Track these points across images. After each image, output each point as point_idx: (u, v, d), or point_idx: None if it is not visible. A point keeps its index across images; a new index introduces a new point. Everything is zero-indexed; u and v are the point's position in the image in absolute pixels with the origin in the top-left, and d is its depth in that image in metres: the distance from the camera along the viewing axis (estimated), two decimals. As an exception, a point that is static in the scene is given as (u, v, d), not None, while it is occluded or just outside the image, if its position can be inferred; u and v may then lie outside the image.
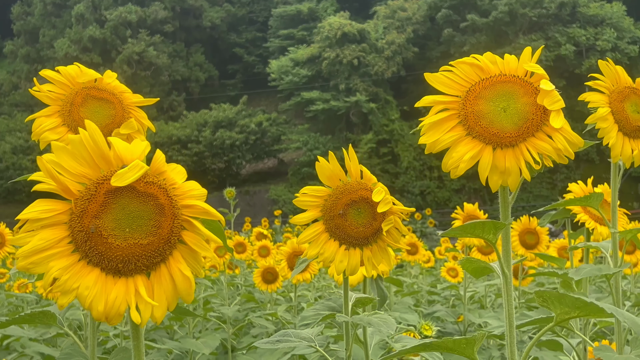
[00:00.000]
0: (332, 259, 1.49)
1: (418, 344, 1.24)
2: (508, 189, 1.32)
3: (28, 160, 39.15)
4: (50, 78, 1.65)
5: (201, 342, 3.99)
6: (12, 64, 52.00)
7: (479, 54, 1.34)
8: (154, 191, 0.96)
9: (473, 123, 1.27)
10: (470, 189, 39.01)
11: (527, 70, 1.27)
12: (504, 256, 1.33)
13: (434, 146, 1.29)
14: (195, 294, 1.05)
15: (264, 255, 5.29)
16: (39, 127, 1.64)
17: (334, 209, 1.49)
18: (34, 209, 0.95)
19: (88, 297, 0.93)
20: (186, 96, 48.02)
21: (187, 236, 0.99)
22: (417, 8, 43.36)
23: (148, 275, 0.98)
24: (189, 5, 50.85)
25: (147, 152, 0.99)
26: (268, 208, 35.41)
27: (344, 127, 41.38)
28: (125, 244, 0.95)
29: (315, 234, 1.51)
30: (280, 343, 1.65)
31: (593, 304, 1.21)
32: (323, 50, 41.10)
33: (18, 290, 5.48)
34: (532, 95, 1.26)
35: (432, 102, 1.31)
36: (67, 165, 0.95)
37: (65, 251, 0.95)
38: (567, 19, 39.42)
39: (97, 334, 1.78)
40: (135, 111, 1.72)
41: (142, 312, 0.95)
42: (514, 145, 1.26)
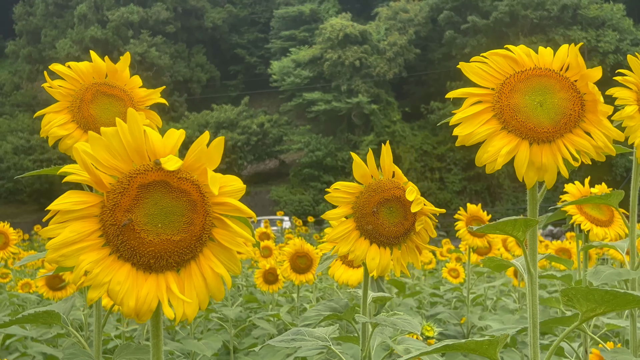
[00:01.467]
0: (364, 257, 1.48)
1: (440, 345, 1.22)
2: (537, 187, 1.30)
3: (29, 161, 39.16)
4: (60, 73, 1.63)
5: (203, 344, 3.98)
6: (14, 64, 52.04)
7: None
8: (186, 187, 0.95)
9: (509, 117, 1.24)
10: (472, 191, 38.98)
11: (562, 65, 1.25)
12: (530, 254, 1.31)
13: (469, 139, 1.25)
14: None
15: (266, 255, 5.28)
16: (48, 124, 1.62)
17: (367, 206, 1.47)
18: (65, 200, 0.93)
19: (120, 292, 0.92)
20: (188, 97, 48.04)
21: (217, 234, 0.98)
22: (419, 9, 43.37)
23: (178, 272, 0.97)
24: (191, 6, 50.88)
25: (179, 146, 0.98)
26: (269, 209, 35.42)
27: (345, 128, 41.37)
28: (157, 239, 0.93)
29: (347, 231, 1.49)
30: (295, 341, 1.65)
31: (628, 293, 1.17)
32: (325, 52, 41.10)
33: (21, 290, 5.47)
34: (569, 91, 1.24)
35: (466, 94, 1.28)
36: (100, 157, 0.93)
37: (96, 245, 0.94)
38: (569, 21, 39.41)
39: (102, 334, 1.78)
40: (145, 110, 1.71)
41: (175, 308, 0.93)
42: (551, 141, 1.23)
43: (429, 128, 40.71)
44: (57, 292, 4.20)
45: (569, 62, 1.25)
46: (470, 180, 39.22)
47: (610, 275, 1.79)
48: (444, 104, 38.61)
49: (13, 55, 51.84)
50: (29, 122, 42.60)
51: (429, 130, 40.72)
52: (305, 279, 3.67)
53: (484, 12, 40.72)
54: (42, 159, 38.77)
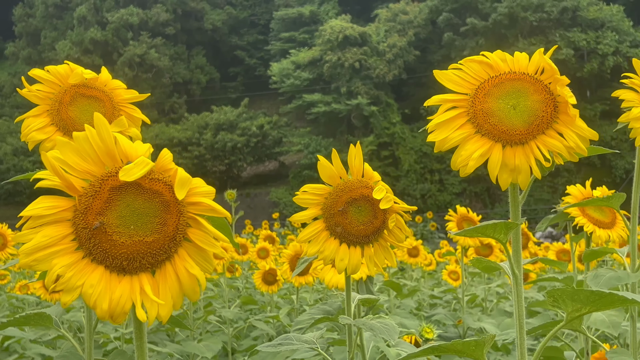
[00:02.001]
0: (333, 257, 1.49)
1: (426, 347, 1.23)
2: (518, 189, 1.32)
3: (29, 162, 39.15)
4: (39, 77, 1.63)
5: (203, 346, 3.98)
6: (14, 65, 52.03)
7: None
8: (159, 188, 0.95)
9: (482, 121, 1.26)
10: (472, 192, 38.97)
11: (537, 68, 1.26)
12: (514, 256, 1.32)
13: (443, 144, 1.28)
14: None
15: (263, 257, 5.29)
16: (27, 128, 1.61)
17: (334, 206, 1.48)
18: (37, 206, 0.94)
19: (92, 295, 0.92)
20: (187, 98, 48.03)
21: (193, 234, 0.98)
22: (419, 11, 43.39)
23: (153, 273, 0.97)
24: (191, 7, 50.90)
25: (151, 152, 0.98)
26: (269, 210, 35.40)
27: (345, 130, 41.37)
28: (130, 241, 0.94)
29: (316, 232, 1.50)
30: (282, 346, 1.64)
31: (613, 293, 1.18)
32: (324, 53, 41.11)
33: (20, 291, 5.47)
34: (542, 93, 1.26)
35: (441, 101, 1.31)
36: (71, 161, 0.94)
37: (69, 248, 0.94)
38: (568, 23, 39.40)
39: (93, 335, 1.78)
40: (127, 107, 1.69)
41: (148, 310, 0.94)
42: (524, 142, 1.25)
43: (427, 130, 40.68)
44: (55, 294, 4.21)
45: (543, 66, 1.26)
46: (470, 182, 39.19)
47: (609, 279, 1.79)
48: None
49: (13, 57, 51.84)
50: (28, 124, 42.49)
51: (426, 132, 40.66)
52: (305, 280, 3.68)
53: (484, 14, 40.73)
54: (41, 160, 38.69)
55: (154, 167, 0.95)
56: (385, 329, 1.67)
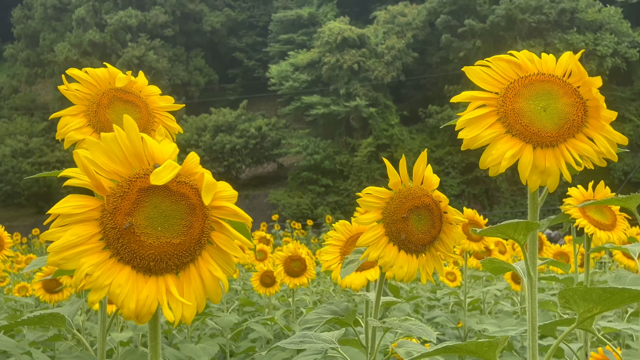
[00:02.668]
0: (393, 263, 1.49)
1: (441, 346, 1.23)
2: (537, 190, 1.32)
3: (28, 164, 39.11)
4: (77, 77, 1.64)
5: (200, 348, 3.98)
6: (12, 67, 52.03)
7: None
8: (186, 191, 0.97)
9: (513, 121, 1.26)
10: (470, 194, 38.98)
11: (565, 71, 1.26)
12: (531, 258, 1.32)
13: (473, 142, 1.27)
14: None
15: (261, 259, 5.28)
16: (65, 127, 1.63)
17: (397, 213, 1.48)
18: (66, 204, 0.95)
19: (120, 295, 0.94)
20: (186, 100, 48.00)
21: (216, 237, 0.99)
22: (417, 13, 43.41)
23: (177, 274, 0.98)
24: (189, 9, 50.91)
25: (177, 153, 1.00)
26: (267, 212, 35.39)
27: (343, 132, 41.38)
28: (157, 242, 0.95)
29: (376, 237, 1.50)
30: (304, 344, 1.69)
31: (625, 289, 1.18)
32: (323, 55, 41.13)
33: (18, 293, 5.47)
34: (572, 96, 1.26)
35: (471, 98, 1.30)
36: (100, 161, 0.95)
37: (97, 248, 0.95)
38: (566, 25, 39.45)
39: (106, 338, 1.78)
40: (162, 115, 1.71)
41: (174, 311, 0.95)
42: (554, 145, 1.25)
43: (427, 132, 40.73)
44: (54, 295, 4.21)
45: (571, 69, 1.26)
46: (468, 184, 39.21)
47: (634, 279, 1.80)
48: (442, 107, 38.63)
49: (11, 59, 51.81)
50: (27, 126, 42.56)
51: (427, 133, 40.74)
52: (300, 282, 3.67)
53: (482, 16, 40.76)
54: (40, 162, 38.71)
55: (181, 170, 0.97)
56: (421, 329, 1.71)
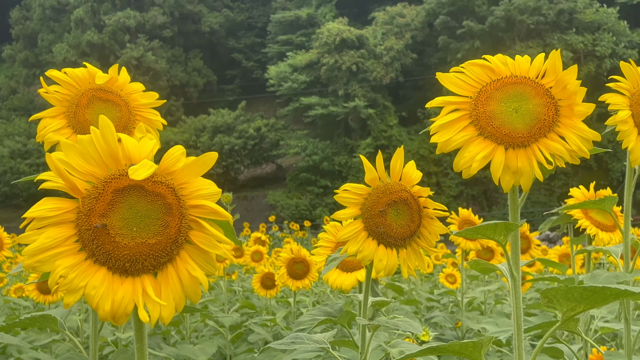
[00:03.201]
0: (372, 257, 1.51)
1: (425, 347, 1.24)
2: (517, 191, 1.34)
3: (26, 165, 39.11)
4: (56, 79, 1.65)
5: (198, 349, 3.98)
6: (11, 68, 52.02)
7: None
8: (161, 190, 0.96)
9: (485, 123, 1.28)
10: (469, 195, 39.01)
11: (539, 72, 1.29)
12: (513, 258, 1.34)
13: (446, 146, 1.30)
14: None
15: (257, 260, 5.28)
16: (44, 129, 1.63)
17: (375, 207, 1.51)
18: (40, 207, 0.94)
19: (95, 297, 0.93)
20: (184, 101, 48.02)
21: (195, 236, 0.99)
22: (416, 14, 43.45)
23: (155, 275, 0.98)
24: (188, 10, 50.92)
25: (156, 151, 0.99)
26: (266, 213, 35.38)
27: (342, 133, 41.39)
28: (132, 243, 0.94)
29: (355, 232, 1.53)
30: (295, 344, 1.70)
31: (606, 287, 1.19)
32: (322, 56, 41.14)
33: (15, 294, 5.46)
34: (544, 97, 1.28)
35: (444, 103, 1.34)
36: (75, 163, 0.95)
37: (72, 250, 0.95)
38: (565, 26, 39.50)
39: (98, 339, 1.77)
40: (144, 111, 1.71)
41: (150, 311, 0.95)
42: (526, 145, 1.27)
43: (426, 133, 40.73)
44: (48, 296, 4.21)
45: (546, 68, 1.28)
46: (467, 185, 39.24)
47: (607, 278, 1.81)
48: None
49: (10, 60, 51.83)
50: (25, 127, 42.55)
51: (425, 134, 40.67)
52: (302, 284, 3.66)
53: (480, 17, 40.81)
54: (38, 162, 38.72)
55: (157, 169, 0.96)
56: (409, 325, 1.74)
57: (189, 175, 0.97)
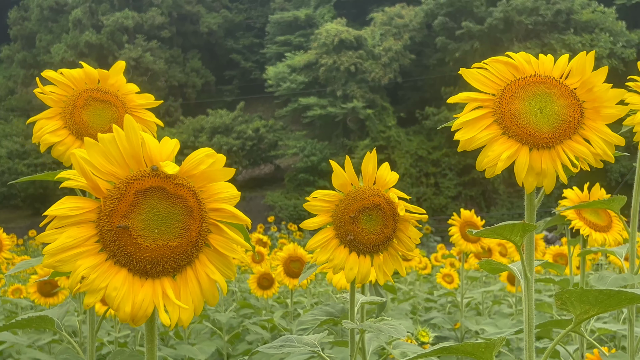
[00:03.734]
0: (342, 265, 1.47)
1: (437, 347, 1.23)
2: (535, 193, 1.32)
3: (24, 165, 39.03)
4: (52, 79, 1.63)
5: (197, 349, 3.98)
6: (9, 68, 51.93)
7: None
8: (183, 193, 0.96)
9: (510, 122, 1.26)
10: (467, 196, 39.00)
11: (562, 72, 1.28)
12: (527, 259, 1.33)
13: (469, 143, 1.27)
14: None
15: (258, 261, 5.27)
16: (40, 130, 1.62)
17: (345, 214, 1.46)
18: (62, 206, 0.94)
19: (116, 298, 0.93)
20: (183, 102, 47.97)
21: (214, 240, 0.99)
22: (414, 15, 43.43)
23: (174, 277, 0.98)
24: (186, 11, 50.86)
25: (177, 151, 0.99)
26: (264, 214, 35.35)
27: (340, 133, 41.37)
28: (154, 245, 0.94)
29: (325, 240, 1.48)
30: (283, 348, 1.65)
31: (622, 291, 1.17)
32: (320, 57, 41.11)
33: (12, 295, 5.45)
34: (569, 98, 1.26)
35: (467, 99, 1.30)
36: (97, 163, 0.94)
37: (93, 250, 0.95)
38: (563, 26, 39.52)
39: (95, 339, 1.77)
40: (140, 112, 1.71)
41: (170, 314, 0.95)
42: (551, 147, 1.25)
43: (424, 133, 40.75)
44: (49, 298, 4.19)
45: (571, 69, 1.27)
46: (465, 186, 39.23)
47: (615, 280, 1.80)
48: (439, 109, 38.65)
49: (8, 60, 51.74)
50: (23, 127, 42.49)
51: (424, 135, 40.76)
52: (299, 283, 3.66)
53: (479, 17, 40.81)
54: (36, 163, 38.65)
55: (179, 172, 0.96)
56: (392, 329, 1.69)
57: (209, 179, 0.97)
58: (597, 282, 1.79)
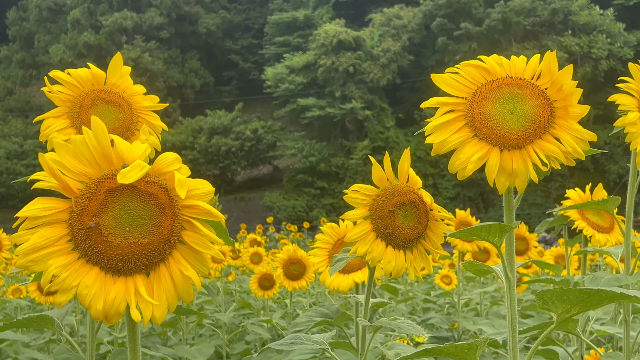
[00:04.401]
0: (380, 258, 1.51)
1: (420, 350, 1.24)
2: (512, 193, 1.33)
3: (22, 166, 39.03)
4: (59, 79, 1.65)
5: (195, 350, 3.97)
6: (7, 69, 51.94)
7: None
8: (154, 190, 0.96)
9: (480, 125, 1.27)
10: (465, 197, 39.06)
11: (534, 73, 1.28)
12: (508, 260, 1.33)
13: (441, 147, 1.30)
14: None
15: (256, 262, 5.27)
16: (48, 129, 1.63)
17: (384, 208, 1.51)
18: (33, 207, 0.95)
19: (87, 296, 0.94)
20: (181, 102, 47.99)
21: (187, 236, 0.99)
22: (413, 16, 43.50)
23: (147, 274, 0.98)
24: (185, 11, 50.89)
25: (148, 153, 0.99)
26: (263, 215, 35.36)
27: (339, 134, 41.41)
28: (125, 242, 0.95)
29: (364, 233, 1.52)
30: (294, 345, 1.69)
31: (602, 290, 1.19)
32: (319, 58, 41.16)
33: (12, 295, 5.45)
34: (539, 98, 1.27)
35: (439, 103, 1.33)
36: (68, 163, 0.95)
37: (65, 249, 0.95)
38: (560, 28, 39.59)
39: (95, 339, 1.77)
40: (146, 114, 1.72)
41: (143, 311, 0.95)
42: (521, 147, 1.26)
43: (422, 134, 40.76)
44: (49, 297, 4.19)
45: (541, 70, 1.28)
46: (463, 187, 39.28)
47: (609, 280, 1.80)
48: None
49: (6, 60, 51.76)
50: (22, 127, 42.49)
51: (422, 136, 40.69)
52: (299, 285, 3.65)
53: (477, 19, 40.88)
54: (35, 164, 38.63)
55: (150, 170, 0.96)
56: (410, 327, 1.74)
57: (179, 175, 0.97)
58: (591, 282, 1.79)
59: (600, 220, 2.34)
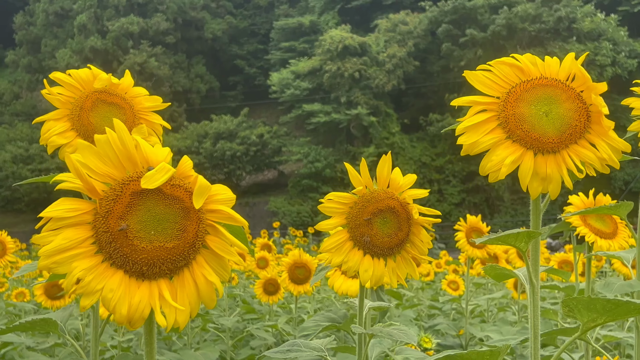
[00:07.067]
0: (357, 268, 1.46)
1: (442, 355, 1.21)
2: (540, 198, 1.29)
3: (28, 170, 39.11)
4: (60, 81, 1.62)
5: (200, 354, 3.97)
6: (14, 73, 52.14)
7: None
8: (179, 194, 0.95)
9: (514, 126, 1.23)
10: (471, 203, 38.95)
11: (569, 75, 1.24)
12: (533, 265, 1.30)
13: (472, 148, 1.24)
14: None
15: (262, 266, 5.26)
16: (48, 132, 1.60)
17: (360, 216, 1.46)
18: (58, 207, 0.93)
19: (112, 300, 0.92)
20: (187, 107, 48.07)
21: (211, 241, 0.98)
22: (418, 22, 43.47)
23: (170, 279, 0.97)
24: (191, 16, 51.03)
25: (171, 157, 0.98)
26: (267, 220, 35.36)
27: (344, 140, 41.39)
28: (150, 246, 0.93)
29: (340, 242, 1.48)
30: (290, 352, 1.64)
31: (630, 302, 1.16)
32: (324, 63, 41.17)
33: (16, 299, 5.45)
34: (575, 101, 1.23)
35: (471, 102, 1.27)
36: (92, 164, 0.94)
37: (89, 252, 0.94)
38: (565, 34, 39.54)
39: (99, 343, 1.77)
40: (148, 115, 1.70)
41: (167, 316, 0.94)
42: (556, 151, 1.22)
43: (427, 140, 40.75)
44: (56, 301, 4.19)
45: (575, 73, 1.23)
46: (469, 192, 39.19)
47: (622, 286, 1.78)
48: (443, 115, 38.65)
49: (13, 65, 51.95)
50: (28, 132, 42.60)
51: (427, 142, 40.76)
52: (304, 289, 3.65)
53: (483, 25, 40.85)
54: (40, 168, 38.73)
55: (175, 173, 0.95)
56: (403, 333, 1.68)
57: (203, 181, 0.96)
58: (604, 288, 1.77)
59: (603, 226, 2.32)
